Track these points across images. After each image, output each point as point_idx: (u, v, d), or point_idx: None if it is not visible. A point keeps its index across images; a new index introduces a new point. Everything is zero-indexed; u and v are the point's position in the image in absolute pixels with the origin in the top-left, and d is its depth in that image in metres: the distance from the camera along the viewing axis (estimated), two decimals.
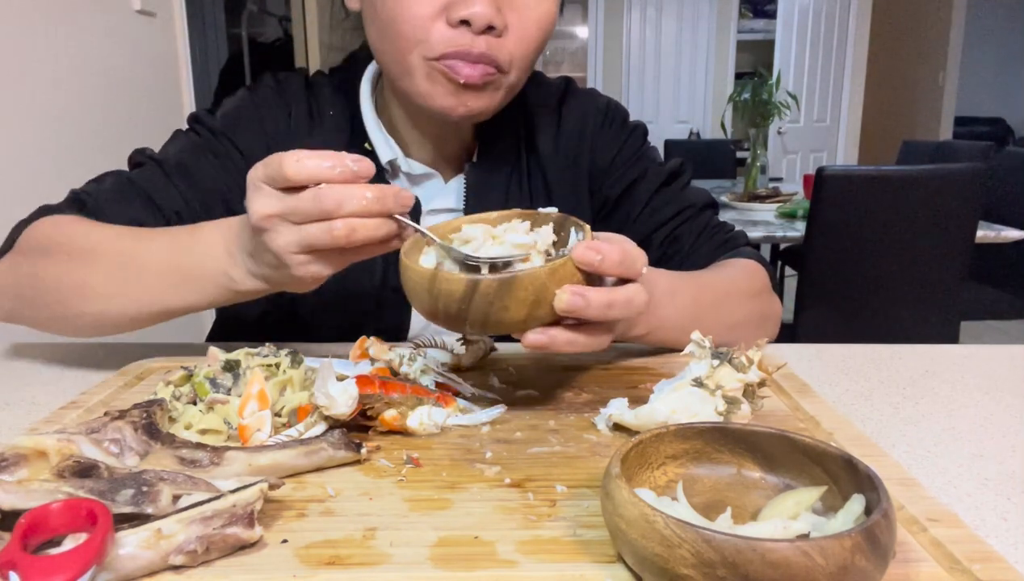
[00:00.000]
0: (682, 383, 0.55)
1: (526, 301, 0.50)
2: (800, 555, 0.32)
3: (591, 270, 0.52)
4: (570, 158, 0.89)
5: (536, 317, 0.51)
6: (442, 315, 0.52)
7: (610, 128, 0.90)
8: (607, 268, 0.52)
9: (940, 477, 0.51)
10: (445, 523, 0.43)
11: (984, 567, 0.38)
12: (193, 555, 0.38)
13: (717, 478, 0.45)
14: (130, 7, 2.01)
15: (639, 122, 0.94)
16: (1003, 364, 0.75)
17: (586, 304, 0.51)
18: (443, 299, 0.51)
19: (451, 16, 0.68)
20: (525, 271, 0.50)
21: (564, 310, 0.51)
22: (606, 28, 5.93)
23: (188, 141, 0.82)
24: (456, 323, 0.52)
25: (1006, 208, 2.95)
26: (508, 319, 0.50)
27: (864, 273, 2.10)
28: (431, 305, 0.52)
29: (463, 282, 0.50)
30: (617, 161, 0.89)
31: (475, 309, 0.50)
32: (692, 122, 6.03)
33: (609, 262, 0.52)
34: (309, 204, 0.52)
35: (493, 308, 0.50)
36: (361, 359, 0.64)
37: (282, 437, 0.52)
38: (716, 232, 0.87)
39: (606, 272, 0.53)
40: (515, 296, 0.49)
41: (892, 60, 6.06)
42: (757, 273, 0.83)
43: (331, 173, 0.52)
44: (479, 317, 0.50)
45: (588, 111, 0.90)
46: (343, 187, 0.52)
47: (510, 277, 0.49)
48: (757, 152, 3.11)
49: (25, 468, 0.44)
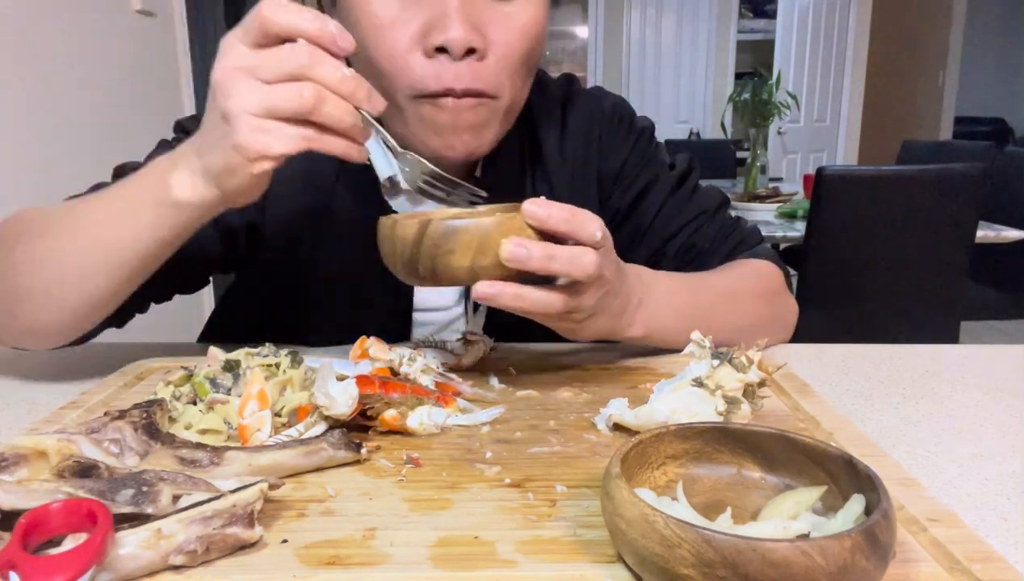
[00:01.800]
0: (682, 383, 0.55)
1: (470, 246, 0.53)
2: (800, 555, 0.32)
3: (537, 225, 0.53)
4: (577, 165, 0.86)
5: (482, 266, 0.53)
6: (399, 261, 0.56)
7: (617, 131, 0.87)
8: (554, 223, 0.53)
9: (940, 477, 0.51)
10: (445, 523, 0.43)
11: (984, 567, 0.38)
12: (193, 555, 0.38)
13: (717, 478, 0.45)
14: (130, 7, 2.01)
15: (646, 121, 0.91)
16: (1003, 364, 0.75)
17: (527, 254, 0.52)
18: (399, 243, 0.55)
19: (427, 45, 0.65)
20: (473, 219, 0.53)
21: (506, 258, 0.52)
22: (606, 28, 5.92)
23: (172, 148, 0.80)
24: (411, 269, 0.55)
25: (1006, 208, 2.95)
26: (454, 264, 0.53)
27: (864, 273, 2.10)
28: (391, 251, 0.56)
29: (415, 225, 0.54)
30: (627, 167, 0.86)
31: (424, 253, 0.54)
32: (692, 122, 6.03)
33: (556, 218, 0.53)
34: (282, 58, 0.50)
35: (440, 251, 0.53)
36: (361, 359, 0.64)
37: (282, 437, 0.52)
38: (731, 232, 0.85)
39: (552, 228, 0.53)
40: (460, 240, 0.52)
41: (892, 60, 6.06)
42: (769, 274, 0.81)
43: (310, 27, 0.50)
44: (428, 262, 0.54)
45: (594, 114, 0.87)
46: (317, 50, 0.50)
47: (458, 223, 0.52)
48: (757, 152, 3.11)
49: (25, 468, 0.44)
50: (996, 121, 7.21)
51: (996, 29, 7.32)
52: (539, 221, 0.53)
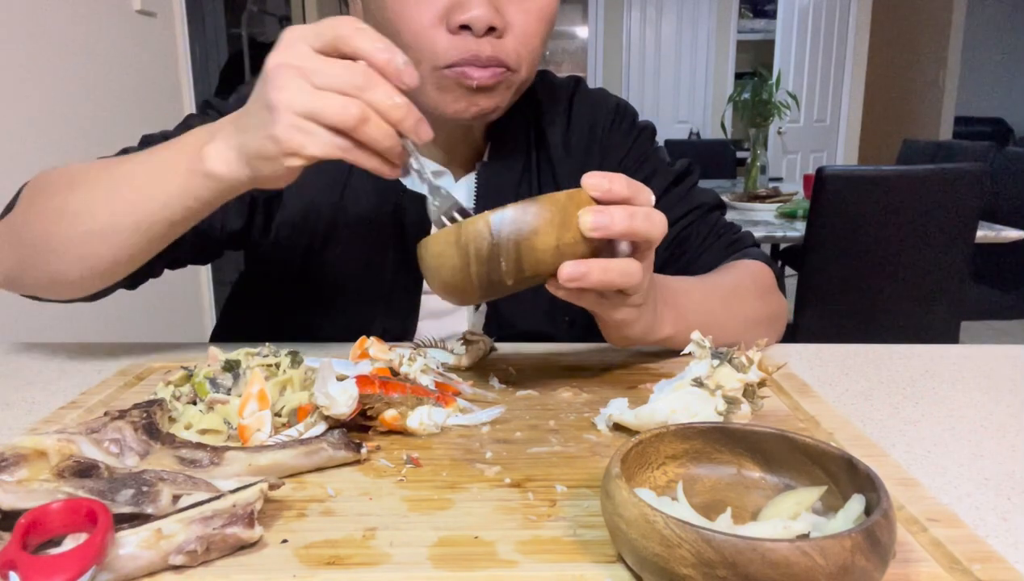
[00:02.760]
0: (682, 383, 0.55)
1: (553, 222, 0.50)
2: (800, 555, 0.32)
3: (599, 192, 0.52)
4: (580, 158, 0.89)
5: (566, 243, 0.51)
6: (475, 262, 0.51)
7: (620, 128, 0.90)
8: (616, 189, 0.53)
9: (940, 477, 0.51)
10: (445, 523, 0.43)
11: (984, 567, 0.38)
12: (193, 555, 0.38)
13: (717, 478, 0.45)
14: (130, 7, 2.01)
15: (648, 122, 0.94)
16: (1003, 364, 0.75)
17: (611, 219, 0.51)
18: (473, 244, 0.50)
19: (451, 22, 0.68)
20: (545, 195, 0.50)
21: (590, 227, 0.51)
22: (606, 28, 5.93)
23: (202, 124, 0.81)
24: (491, 268, 0.51)
25: (1006, 208, 2.95)
26: (540, 245, 0.50)
27: (864, 273, 2.10)
28: (462, 259, 0.51)
29: (487, 218, 0.50)
30: (626, 162, 0.89)
31: (506, 240, 0.50)
32: (692, 122, 6.03)
33: (618, 184, 0.53)
34: (340, 71, 0.51)
35: (523, 234, 0.50)
36: (361, 359, 0.64)
37: (282, 437, 0.52)
38: (724, 233, 0.87)
39: (615, 193, 0.53)
40: (543, 217, 0.50)
41: (892, 60, 6.06)
42: (764, 274, 0.83)
43: (379, 57, 0.52)
44: (512, 250, 0.50)
45: (598, 111, 0.90)
46: (379, 76, 0.52)
47: (533, 200, 0.50)
48: (757, 152, 3.11)
49: (25, 468, 0.44)
50: (996, 121, 7.21)
51: (996, 29, 7.32)
52: (603, 191, 0.52)
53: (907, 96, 6.23)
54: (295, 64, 0.52)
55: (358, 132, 0.52)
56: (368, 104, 0.52)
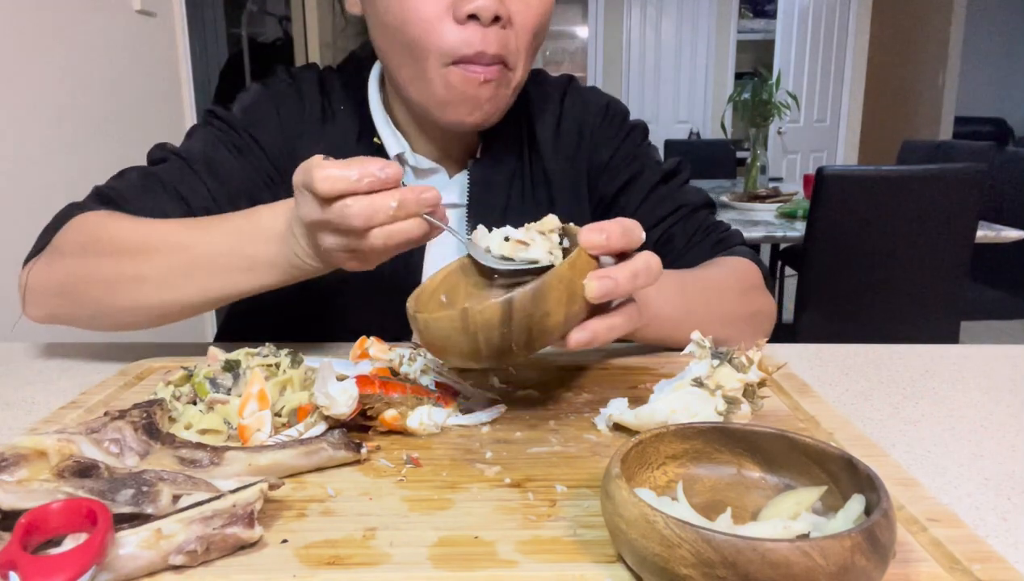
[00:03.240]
0: (682, 383, 0.55)
1: (561, 300, 0.49)
2: (800, 555, 0.32)
3: (599, 250, 0.52)
4: (570, 155, 0.89)
5: (573, 314, 0.51)
6: (484, 349, 0.50)
7: (610, 126, 0.91)
8: (614, 242, 0.52)
9: (940, 477, 0.51)
10: (445, 523, 0.43)
11: (984, 567, 0.38)
12: (193, 555, 0.38)
13: (717, 478, 0.45)
14: (130, 7, 2.01)
15: (639, 121, 0.94)
16: (1003, 364, 0.75)
17: (615, 283, 0.51)
18: (482, 332, 0.49)
19: (458, 12, 0.69)
20: (550, 273, 0.49)
21: (595, 296, 0.51)
22: (606, 28, 5.92)
23: (209, 136, 0.82)
24: (502, 352, 0.50)
25: (1006, 208, 2.95)
26: (551, 324, 0.49)
27: (864, 273, 2.10)
28: (470, 345, 0.50)
29: (498, 306, 0.48)
30: (615, 159, 0.89)
31: (517, 327, 0.49)
32: (692, 122, 6.03)
33: (614, 236, 0.52)
34: (339, 220, 0.54)
35: (534, 319, 0.49)
36: (361, 359, 0.64)
37: (282, 437, 0.52)
38: (711, 232, 0.87)
39: (613, 247, 0.53)
40: (551, 298, 0.49)
41: (892, 60, 6.06)
42: (748, 270, 0.83)
43: (359, 186, 0.53)
44: (523, 334, 0.49)
45: (589, 109, 0.91)
46: (368, 201, 0.54)
47: (540, 283, 0.48)
48: (757, 152, 3.10)
49: (25, 468, 0.44)
50: (996, 121, 7.21)
51: (996, 29, 7.31)
52: (603, 247, 0.52)
53: (907, 96, 6.23)
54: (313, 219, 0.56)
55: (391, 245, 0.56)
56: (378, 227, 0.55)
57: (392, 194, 0.54)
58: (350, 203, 0.53)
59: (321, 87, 0.86)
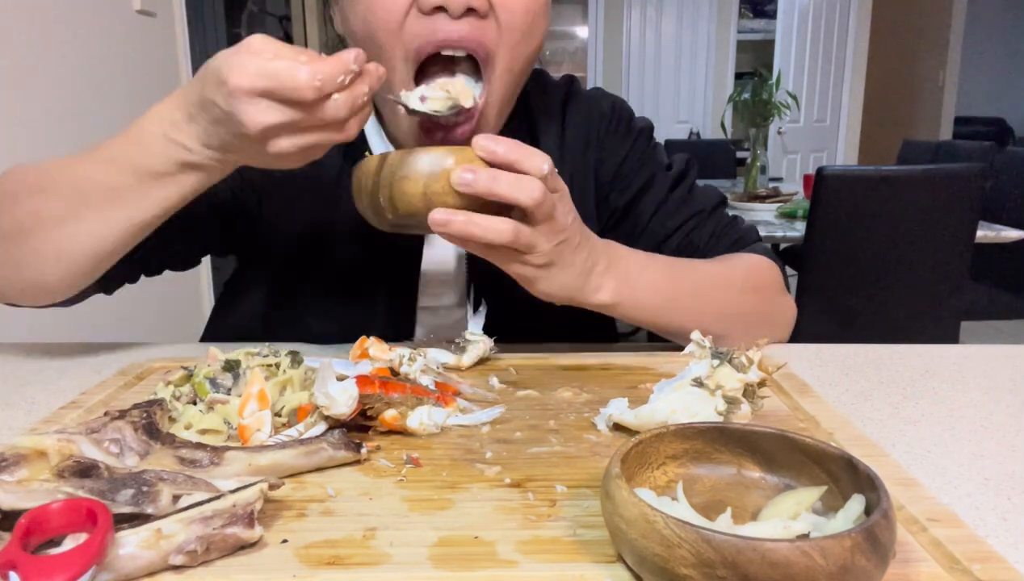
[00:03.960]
0: (682, 383, 0.55)
1: (422, 172, 0.57)
2: (800, 555, 0.32)
3: (486, 155, 0.57)
4: (576, 163, 0.86)
5: (434, 192, 0.57)
6: (364, 194, 0.60)
7: (616, 131, 0.88)
8: (502, 152, 0.56)
9: (940, 477, 0.51)
10: (445, 523, 0.43)
11: (984, 567, 0.38)
12: (193, 555, 0.38)
13: (717, 478, 0.45)
14: (130, 7, 2.01)
15: (645, 122, 0.91)
16: (1003, 364, 0.75)
17: (474, 177, 0.55)
18: (363, 178, 0.60)
19: (423, 4, 0.64)
20: (428, 148, 0.58)
21: (455, 182, 0.56)
22: (606, 28, 5.92)
23: None
24: (375, 206, 0.60)
25: (1006, 208, 2.95)
26: (408, 190, 0.57)
27: (864, 273, 2.09)
28: (357, 186, 0.61)
29: (377, 158, 0.59)
30: (624, 167, 0.87)
31: (383, 181, 0.58)
32: (692, 122, 6.03)
33: (505, 147, 0.56)
34: (328, 116, 0.55)
35: (396, 177, 0.57)
36: (361, 359, 0.64)
37: (282, 437, 0.52)
38: (727, 231, 0.85)
39: (501, 157, 0.56)
40: (414, 167, 0.57)
41: (892, 60, 6.06)
42: (762, 268, 0.80)
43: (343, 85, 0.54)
44: (387, 190, 0.58)
45: (592, 115, 0.88)
46: (351, 92, 0.55)
47: (415, 151, 0.57)
48: (757, 152, 3.11)
49: (25, 468, 0.44)
50: (996, 121, 7.21)
51: (996, 29, 7.32)
52: (488, 152, 0.56)
53: (907, 96, 6.23)
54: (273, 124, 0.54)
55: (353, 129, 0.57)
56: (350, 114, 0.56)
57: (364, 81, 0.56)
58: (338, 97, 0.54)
59: None
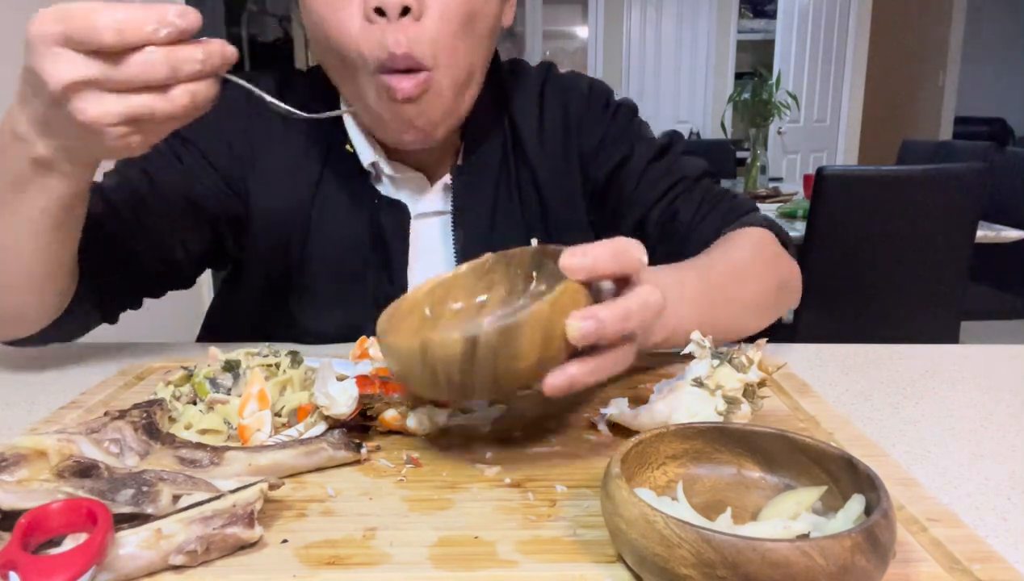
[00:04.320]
0: (682, 383, 0.55)
1: (535, 343, 0.43)
2: (800, 555, 0.32)
3: (584, 275, 0.45)
4: (557, 149, 0.85)
5: (549, 358, 0.44)
6: (445, 385, 0.44)
7: (593, 111, 0.86)
8: (601, 266, 0.45)
9: (940, 477, 0.51)
10: (445, 523, 0.43)
11: (984, 567, 0.38)
12: (193, 555, 0.38)
13: (717, 478, 0.45)
14: None
15: (625, 100, 0.89)
16: (1003, 364, 0.75)
17: (601, 324, 0.43)
18: (442, 366, 0.43)
19: (366, 9, 0.65)
20: (526, 311, 0.42)
21: (578, 338, 0.43)
22: (606, 28, 5.92)
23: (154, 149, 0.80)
24: (465, 390, 0.45)
25: (1006, 208, 2.95)
26: (520, 369, 0.43)
27: (864, 273, 2.09)
28: (430, 378, 0.44)
29: (460, 342, 0.42)
30: (604, 141, 0.85)
31: (480, 368, 0.43)
32: (692, 122, 6.03)
33: (601, 258, 0.45)
34: (137, 73, 0.47)
35: (500, 360, 0.42)
36: (361, 359, 0.64)
37: (282, 437, 0.52)
38: (718, 201, 0.82)
39: (601, 271, 0.45)
40: (524, 340, 0.42)
41: (892, 60, 6.06)
42: (765, 240, 0.78)
43: (157, 36, 0.47)
44: (487, 377, 0.43)
45: (570, 98, 0.86)
46: (175, 50, 0.48)
47: (512, 322, 0.42)
48: (757, 152, 3.11)
49: (25, 468, 0.44)
50: (996, 121, 7.21)
51: (996, 29, 7.32)
52: (588, 271, 0.45)
53: (907, 96, 6.23)
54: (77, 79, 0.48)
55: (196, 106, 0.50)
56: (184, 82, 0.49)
57: (195, 46, 0.48)
58: (152, 51, 0.47)
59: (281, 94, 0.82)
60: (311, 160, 0.80)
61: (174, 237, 0.77)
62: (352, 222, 0.80)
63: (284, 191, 0.80)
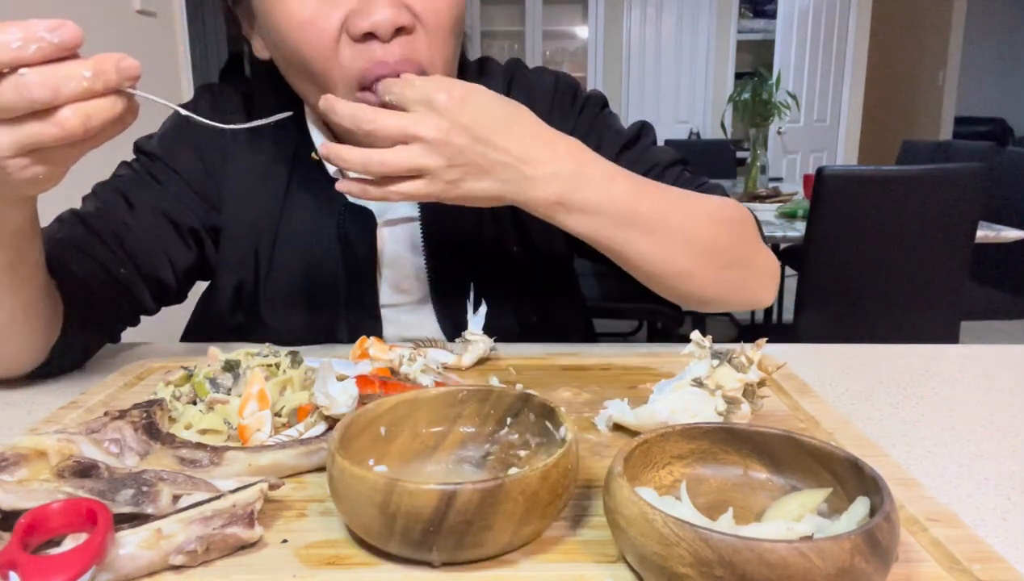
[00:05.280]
0: (682, 383, 0.55)
1: (514, 516, 0.38)
2: (798, 556, 0.32)
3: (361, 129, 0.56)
4: None
5: (522, 535, 0.40)
6: (399, 537, 0.38)
7: (561, 105, 0.84)
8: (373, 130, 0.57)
9: (940, 477, 0.51)
10: None
11: (984, 567, 0.38)
12: (193, 555, 0.38)
13: (723, 479, 0.45)
14: (130, 7, 2.01)
15: (593, 92, 0.87)
16: (1003, 364, 0.75)
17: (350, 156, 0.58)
18: (402, 519, 0.37)
19: (353, 31, 0.63)
20: (514, 476, 0.38)
21: None
22: (606, 28, 5.92)
23: (128, 171, 0.79)
24: (418, 548, 0.38)
25: (1006, 208, 2.95)
26: (489, 541, 0.38)
27: (864, 273, 2.09)
28: (384, 525, 0.38)
29: (434, 496, 0.36)
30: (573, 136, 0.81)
31: (448, 529, 0.37)
32: (692, 122, 6.02)
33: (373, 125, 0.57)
34: (13, 98, 0.43)
35: (472, 528, 0.37)
36: (361, 359, 0.64)
37: (282, 437, 0.52)
38: (689, 185, 0.78)
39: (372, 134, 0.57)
40: (502, 509, 0.37)
41: (892, 60, 6.06)
42: (734, 207, 0.75)
43: (26, 55, 0.42)
44: (450, 539, 0.37)
45: (535, 93, 0.84)
46: (53, 69, 0.43)
47: (496, 485, 0.37)
48: (757, 152, 3.11)
49: (25, 468, 0.44)
50: (996, 121, 7.21)
51: (996, 29, 7.32)
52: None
53: (907, 96, 6.23)
54: None
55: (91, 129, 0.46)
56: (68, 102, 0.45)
57: (81, 62, 0.44)
58: (25, 72, 0.42)
59: (247, 103, 0.82)
60: (279, 167, 0.80)
61: (159, 256, 0.77)
62: (319, 229, 0.80)
63: (254, 199, 0.80)
